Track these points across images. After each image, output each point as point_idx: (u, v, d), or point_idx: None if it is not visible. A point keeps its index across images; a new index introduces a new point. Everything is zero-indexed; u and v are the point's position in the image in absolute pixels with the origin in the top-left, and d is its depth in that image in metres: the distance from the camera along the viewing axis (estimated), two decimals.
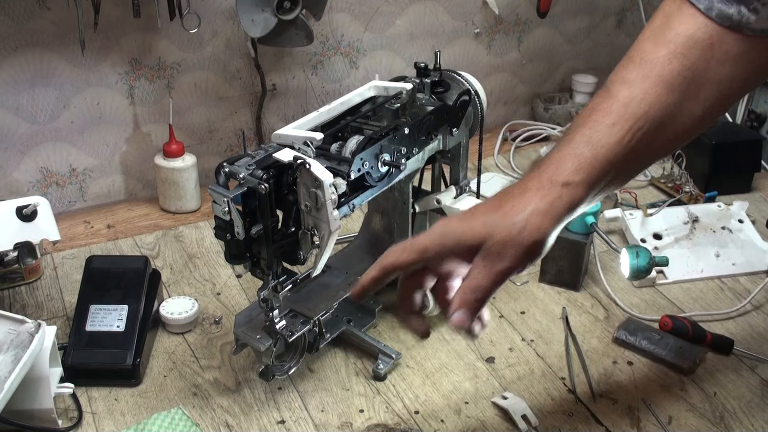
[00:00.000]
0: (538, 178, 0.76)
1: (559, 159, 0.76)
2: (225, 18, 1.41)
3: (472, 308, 0.75)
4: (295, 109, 1.55)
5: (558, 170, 0.75)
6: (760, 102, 1.70)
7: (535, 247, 0.74)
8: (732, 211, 1.36)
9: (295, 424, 0.99)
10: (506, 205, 0.75)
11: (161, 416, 0.99)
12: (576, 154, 0.75)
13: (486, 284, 0.74)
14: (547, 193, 0.74)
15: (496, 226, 0.73)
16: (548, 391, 1.04)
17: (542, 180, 0.75)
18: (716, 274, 1.26)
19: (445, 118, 1.04)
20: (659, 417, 0.99)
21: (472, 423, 0.99)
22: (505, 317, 1.17)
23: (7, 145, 1.35)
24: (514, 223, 0.73)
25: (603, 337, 1.13)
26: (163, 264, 1.29)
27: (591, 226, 1.18)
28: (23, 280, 1.23)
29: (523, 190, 0.75)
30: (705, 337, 1.10)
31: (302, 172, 0.87)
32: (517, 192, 0.76)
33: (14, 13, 1.26)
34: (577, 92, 1.73)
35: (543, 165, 0.77)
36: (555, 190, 0.74)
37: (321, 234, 0.90)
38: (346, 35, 1.53)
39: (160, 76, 1.41)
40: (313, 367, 1.07)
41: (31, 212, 1.07)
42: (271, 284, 0.93)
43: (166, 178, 1.40)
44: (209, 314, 1.17)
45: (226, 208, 0.86)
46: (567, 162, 0.75)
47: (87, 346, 1.04)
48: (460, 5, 1.61)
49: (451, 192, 1.11)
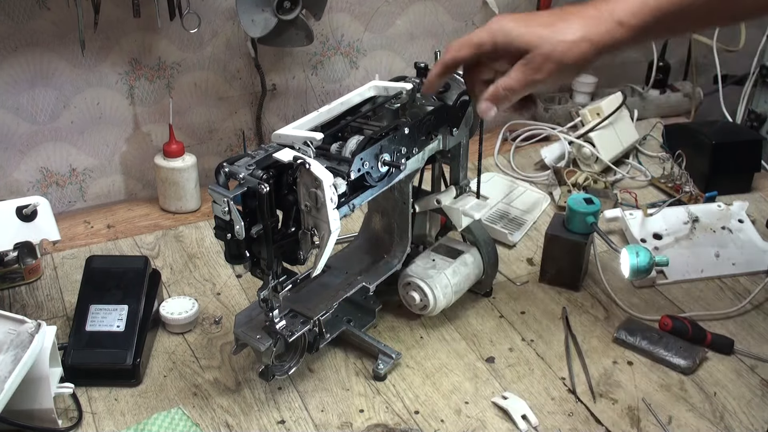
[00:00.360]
0: (597, 7, 0.80)
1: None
2: (225, 18, 1.41)
3: (499, 102, 0.86)
4: (295, 109, 1.55)
5: (619, 6, 0.79)
6: (760, 102, 1.70)
7: (573, 70, 0.82)
8: (732, 211, 1.36)
9: (295, 424, 0.99)
10: (561, 23, 0.80)
11: (161, 416, 0.99)
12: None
13: (518, 87, 0.83)
14: (601, 25, 0.79)
15: (545, 40, 0.80)
16: (548, 391, 1.04)
17: (601, 10, 0.79)
18: (716, 274, 1.26)
19: (445, 118, 1.04)
20: (659, 417, 0.99)
21: (472, 423, 0.99)
22: (505, 317, 1.17)
23: (7, 145, 1.35)
24: (562, 42, 0.80)
25: (603, 337, 1.13)
26: (163, 264, 1.29)
27: (591, 226, 1.18)
28: (23, 280, 1.23)
29: (582, 14, 0.80)
30: (705, 337, 1.10)
31: (302, 172, 0.87)
32: (575, 12, 0.80)
33: (14, 13, 1.26)
34: (577, 92, 1.73)
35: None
36: (610, 24, 0.79)
37: (321, 234, 0.90)
38: (346, 35, 1.53)
39: (160, 76, 1.41)
40: (313, 367, 1.07)
41: (31, 212, 1.07)
42: (271, 284, 0.93)
43: (166, 178, 1.40)
44: (209, 314, 1.17)
45: (226, 208, 0.86)
46: (631, 1, 0.79)
47: (87, 346, 1.04)
48: (460, 5, 1.61)
49: (451, 192, 1.11)
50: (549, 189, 1.48)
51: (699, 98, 1.79)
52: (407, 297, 1.11)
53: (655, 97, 1.76)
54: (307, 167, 0.86)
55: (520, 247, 1.33)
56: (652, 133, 1.69)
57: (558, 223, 1.21)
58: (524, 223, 1.38)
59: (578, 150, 1.53)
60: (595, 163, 1.53)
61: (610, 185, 1.47)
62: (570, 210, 1.19)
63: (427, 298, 1.09)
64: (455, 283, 1.10)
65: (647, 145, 1.65)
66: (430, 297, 1.08)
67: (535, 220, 1.40)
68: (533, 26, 0.83)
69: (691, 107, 1.78)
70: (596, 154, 1.50)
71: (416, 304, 1.10)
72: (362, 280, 1.07)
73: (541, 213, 1.42)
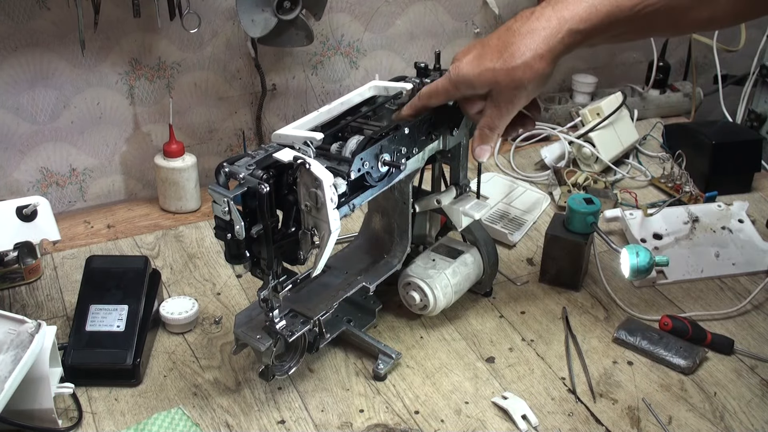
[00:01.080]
0: (545, 17, 0.81)
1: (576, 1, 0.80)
2: (225, 18, 1.41)
3: (489, 141, 0.91)
4: (295, 109, 1.55)
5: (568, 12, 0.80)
6: (760, 102, 1.70)
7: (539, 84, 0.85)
8: (732, 211, 1.36)
9: (295, 424, 0.99)
10: (510, 49, 0.82)
11: (161, 416, 0.99)
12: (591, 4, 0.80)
13: (498, 122, 0.89)
14: (551, 37, 0.80)
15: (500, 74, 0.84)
16: (548, 391, 1.04)
17: (550, 20, 0.81)
18: (716, 274, 1.26)
19: (445, 118, 1.04)
20: (659, 417, 0.99)
21: (472, 423, 0.99)
22: (505, 317, 1.17)
23: (7, 145, 1.35)
24: (515, 68, 0.82)
25: (603, 337, 1.13)
26: (163, 264, 1.29)
27: (591, 226, 1.18)
28: (23, 280, 1.23)
29: (530, 30, 0.81)
30: (705, 337, 1.10)
31: (302, 172, 0.87)
32: (523, 32, 0.82)
33: (14, 13, 1.26)
34: (577, 92, 1.73)
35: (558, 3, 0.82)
36: (561, 34, 0.80)
37: (321, 234, 0.90)
38: (346, 35, 1.53)
39: (160, 76, 1.41)
40: (313, 367, 1.07)
41: (31, 212, 1.07)
42: (271, 284, 0.93)
43: (166, 178, 1.40)
44: (209, 314, 1.17)
45: (226, 208, 0.86)
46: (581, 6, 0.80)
47: (87, 346, 1.04)
48: (460, 5, 1.61)
49: (451, 192, 1.11)
50: (549, 189, 1.48)
51: (699, 98, 1.79)
52: (407, 297, 1.11)
53: (655, 97, 1.76)
54: (307, 167, 0.86)
55: (520, 247, 1.33)
56: (652, 133, 1.69)
57: (558, 223, 1.21)
58: (524, 223, 1.38)
59: (578, 150, 1.53)
60: (595, 163, 1.53)
61: (610, 185, 1.47)
62: (570, 210, 1.19)
63: (427, 298, 1.09)
64: (455, 283, 1.10)
65: (647, 145, 1.65)
66: (430, 297, 1.08)
67: (535, 220, 1.40)
68: (486, 62, 0.86)
69: (691, 107, 1.78)
70: (596, 154, 1.51)
71: (416, 304, 1.10)
72: (362, 280, 1.07)
73: (541, 213, 1.42)
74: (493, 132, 0.91)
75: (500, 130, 0.91)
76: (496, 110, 0.88)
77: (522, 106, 0.90)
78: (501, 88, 0.86)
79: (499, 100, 0.87)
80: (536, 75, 0.84)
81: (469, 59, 0.88)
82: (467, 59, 0.88)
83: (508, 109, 0.88)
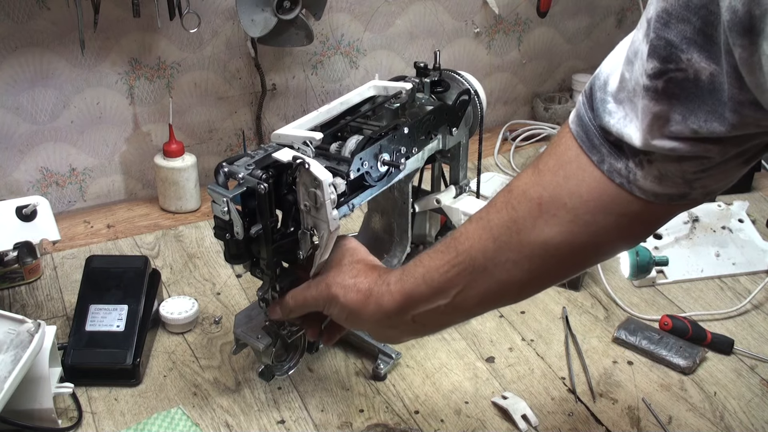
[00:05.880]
0: (386, 281, 0.82)
1: (406, 267, 0.81)
2: (225, 18, 1.41)
3: (333, 341, 0.98)
4: (295, 108, 1.55)
5: (396, 275, 0.81)
6: None
7: (352, 325, 0.90)
8: (732, 211, 1.36)
9: (295, 424, 0.99)
10: (349, 295, 0.84)
11: (161, 416, 0.99)
12: (409, 267, 0.80)
13: (339, 333, 0.96)
14: (371, 297, 0.82)
15: (333, 308, 0.86)
16: (548, 391, 1.04)
17: (381, 281, 0.82)
18: (716, 273, 1.26)
19: (445, 118, 1.04)
20: (659, 417, 0.99)
21: (472, 423, 0.99)
22: (505, 317, 1.17)
23: (7, 145, 1.35)
24: (342, 310, 0.85)
25: (603, 337, 1.13)
26: (163, 264, 1.29)
27: None
28: (23, 280, 1.23)
29: (365, 294, 0.83)
30: (705, 336, 1.10)
31: (301, 172, 0.87)
32: (361, 288, 0.84)
33: (14, 13, 1.26)
34: (576, 92, 1.73)
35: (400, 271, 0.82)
36: (380, 292, 0.82)
37: (320, 234, 0.90)
38: (346, 35, 1.53)
39: (160, 75, 1.41)
40: (313, 367, 1.07)
41: (31, 212, 1.07)
42: (271, 284, 0.93)
43: (166, 178, 1.40)
44: (209, 314, 1.17)
45: (225, 207, 0.86)
46: (411, 271, 0.80)
47: (87, 346, 1.04)
48: (460, 5, 1.61)
49: (450, 192, 1.11)
50: None
51: None
52: None
53: None
54: (307, 167, 0.86)
55: None
56: None
57: None
58: None
59: None
60: None
61: None
62: None
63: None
64: None
65: None
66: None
67: None
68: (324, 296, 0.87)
69: None
70: None
71: None
72: None
73: None
74: (335, 336, 0.97)
75: (340, 334, 0.97)
76: (336, 325, 0.93)
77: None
78: (333, 317, 0.89)
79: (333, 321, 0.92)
80: (352, 323, 0.88)
81: (312, 288, 0.89)
82: (310, 292, 0.89)
83: (342, 326, 0.93)
